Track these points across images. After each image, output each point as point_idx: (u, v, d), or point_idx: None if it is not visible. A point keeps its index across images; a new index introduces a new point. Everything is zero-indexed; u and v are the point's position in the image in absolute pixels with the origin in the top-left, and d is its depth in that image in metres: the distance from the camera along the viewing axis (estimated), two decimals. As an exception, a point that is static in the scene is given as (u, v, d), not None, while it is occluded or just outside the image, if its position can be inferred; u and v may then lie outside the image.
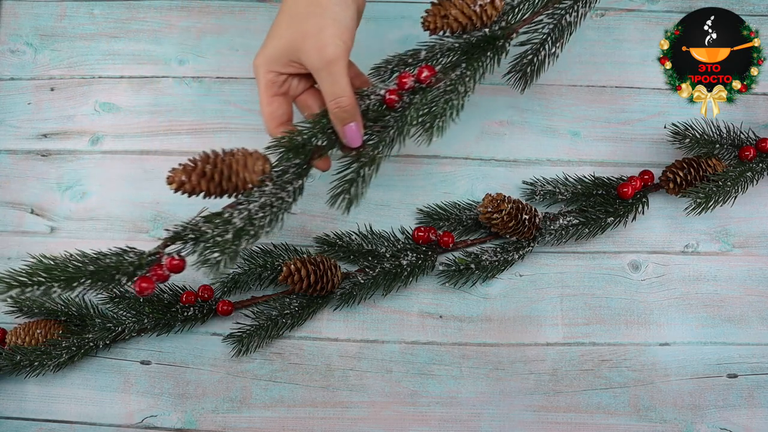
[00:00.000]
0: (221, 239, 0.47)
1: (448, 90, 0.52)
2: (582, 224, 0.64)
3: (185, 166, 0.48)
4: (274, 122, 0.53)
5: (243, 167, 0.49)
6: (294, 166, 0.51)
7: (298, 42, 0.49)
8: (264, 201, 0.49)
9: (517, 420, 0.61)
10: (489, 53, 0.54)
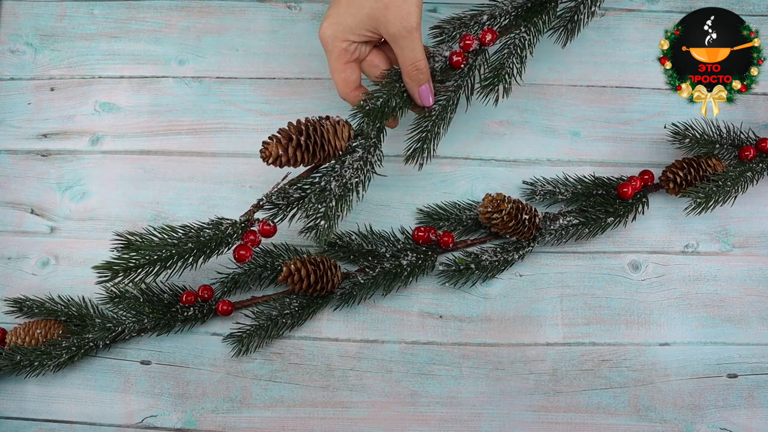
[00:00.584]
0: (324, 207, 0.51)
1: (511, 52, 0.57)
2: (582, 224, 0.64)
3: (278, 138, 0.50)
4: (348, 87, 0.56)
5: (334, 135, 0.52)
6: (374, 129, 0.54)
7: (380, 12, 0.52)
8: (356, 165, 0.53)
9: (517, 420, 0.61)
10: (542, 14, 0.58)
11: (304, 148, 0.50)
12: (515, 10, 0.59)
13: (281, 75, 0.72)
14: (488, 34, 0.56)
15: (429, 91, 0.56)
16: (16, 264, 0.66)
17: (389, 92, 0.55)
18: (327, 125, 0.52)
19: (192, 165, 0.69)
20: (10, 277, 0.65)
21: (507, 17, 0.59)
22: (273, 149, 0.50)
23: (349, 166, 0.53)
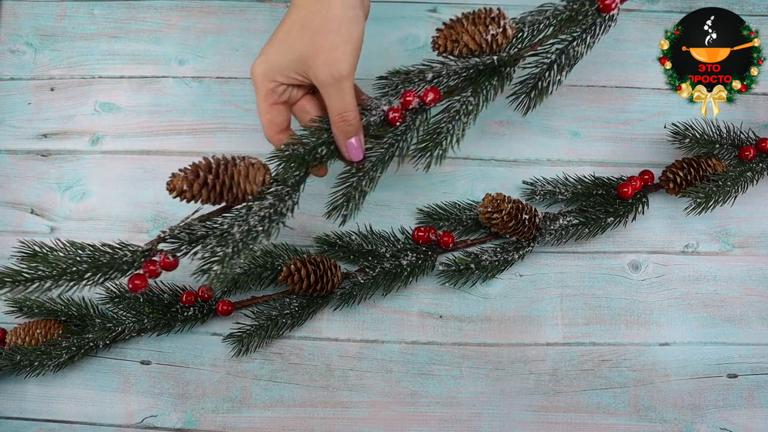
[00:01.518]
0: (221, 252, 0.47)
1: (451, 116, 0.52)
2: (582, 224, 0.64)
3: (187, 173, 0.48)
4: (273, 129, 0.53)
5: (245, 178, 0.49)
6: (293, 177, 0.51)
7: (309, 56, 0.49)
8: (263, 214, 0.49)
9: (517, 420, 0.61)
10: (495, 80, 0.54)
11: (210, 187, 0.48)
12: (464, 71, 0.53)
13: (281, 75, 0.72)
14: (430, 94, 0.52)
15: (358, 145, 0.51)
16: (16, 264, 0.66)
17: (316, 140, 0.51)
18: (240, 166, 0.49)
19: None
20: (10, 277, 0.65)
21: (455, 78, 0.53)
22: (178, 183, 0.47)
23: (255, 213, 0.49)
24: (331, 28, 0.48)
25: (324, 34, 0.48)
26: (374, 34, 0.74)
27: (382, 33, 0.74)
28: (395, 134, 0.53)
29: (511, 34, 0.53)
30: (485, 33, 0.51)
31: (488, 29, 0.52)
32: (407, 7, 0.75)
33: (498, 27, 0.52)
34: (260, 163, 0.50)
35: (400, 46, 0.73)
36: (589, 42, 0.56)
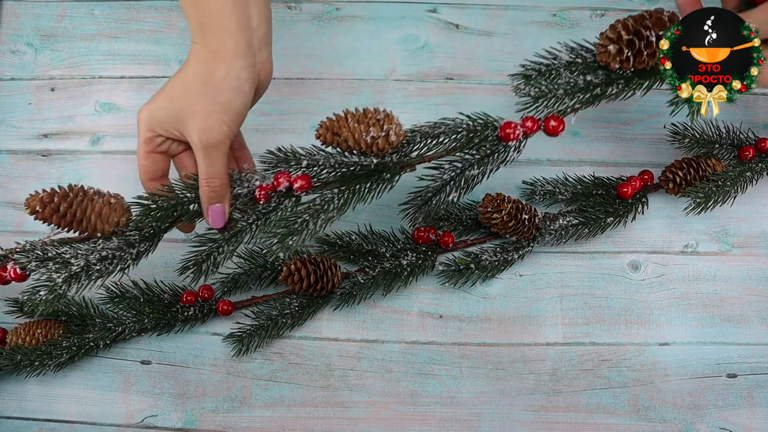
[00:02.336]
0: (52, 281, 0.47)
1: (314, 210, 0.50)
2: (582, 224, 0.64)
3: (43, 196, 0.48)
4: (146, 176, 0.52)
5: (97, 216, 0.49)
6: (151, 227, 0.51)
7: (185, 116, 0.48)
8: (105, 254, 0.49)
9: (517, 420, 0.61)
10: (370, 183, 0.51)
11: (62, 215, 0.48)
12: (340, 167, 0.51)
13: (281, 75, 0.72)
14: (300, 181, 0.50)
15: (220, 212, 0.51)
16: (17, 264, 0.66)
17: (182, 197, 0.51)
18: (97, 203, 0.49)
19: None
20: (10, 277, 0.65)
21: (330, 171, 0.51)
22: (32, 203, 0.47)
23: (98, 251, 0.48)
24: (210, 94, 0.48)
25: (202, 99, 0.48)
26: (374, 34, 0.74)
27: (382, 33, 0.74)
28: (259, 212, 0.51)
29: (395, 140, 0.50)
30: (365, 133, 0.49)
31: (369, 130, 0.49)
32: (407, 7, 0.75)
33: (380, 130, 0.49)
34: (120, 204, 0.51)
35: (400, 46, 0.73)
36: (486, 169, 0.53)
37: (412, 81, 0.72)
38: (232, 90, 0.48)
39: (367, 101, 0.71)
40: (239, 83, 0.48)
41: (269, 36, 0.51)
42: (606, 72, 0.50)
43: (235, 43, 0.47)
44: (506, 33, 0.74)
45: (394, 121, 0.50)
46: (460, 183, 0.53)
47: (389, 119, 0.50)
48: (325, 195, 0.51)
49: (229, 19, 0.47)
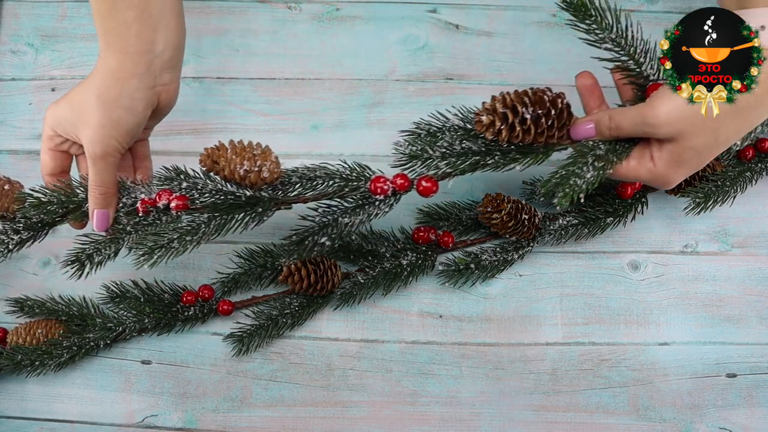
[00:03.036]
0: None
1: (181, 232, 0.51)
2: (581, 224, 0.64)
3: None
4: (45, 170, 0.55)
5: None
6: (40, 218, 0.54)
7: (80, 124, 0.51)
8: None
9: (517, 419, 0.61)
10: (242, 215, 0.52)
11: None
12: (215, 195, 0.52)
13: (281, 75, 0.72)
14: (177, 201, 0.52)
15: (105, 218, 0.53)
16: (18, 263, 0.66)
17: (77, 196, 0.53)
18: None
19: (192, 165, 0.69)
20: (11, 277, 0.65)
21: (208, 197, 0.52)
22: None
23: None
24: (103, 109, 0.50)
25: (95, 111, 0.50)
26: (374, 35, 0.74)
27: (382, 33, 0.74)
28: (137, 223, 0.53)
29: (268, 177, 0.51)
30: (240, 166, 0.51)
31: (243, 164, 0.51)
32: (407, 8, 0.75)
33: (254, 165, 0.51)
34: (13, 192, 0.54)
35: (400, 46, 0.73)
36: (356, 221, 0.53)
37: (412, 81, 0.72)
38: (124, 108, 0.50)
39: (367, 101, 0.71)
40: (132, 103, 0.50)
41: (176, 61, 0.52)
42: (484, 141, 0.51)
43: (134, 64, 0.49)
44: (506, 33, 0.74)
45: (269, 158, 0.51)
46: (333, 229, 0.53)
47: (265, 155, 0.51)
48: (195, 218, 0.52)
49: (131, 41, 0.49)
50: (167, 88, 0.53)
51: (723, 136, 0.49)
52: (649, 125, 0.50)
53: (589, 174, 0.49)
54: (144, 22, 0.48)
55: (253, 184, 0.52)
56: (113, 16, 0.48)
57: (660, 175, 0.51)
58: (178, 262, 0.65)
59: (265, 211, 0.52)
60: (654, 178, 0.52)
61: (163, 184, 0.53)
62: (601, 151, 0.51)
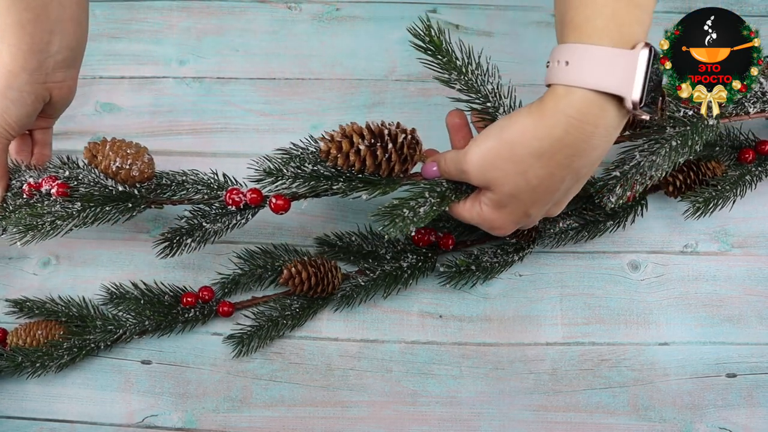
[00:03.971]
0: None
1: (53, 216, 0.54)
2: (581, 227, 0.64)
3: None
4: None
5: None
6: None
7: None
8: None
9: (517, 419, 0.61)
10: (112, 208, 0.56)
11: None
12: (93, 186, 0.56)
13: (281, 75, 0.72)
14: (57, 187, 0.55)
15: None
16: (17, 264, 0.66)
17: None
18: None
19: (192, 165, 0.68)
20: (11, 277, 0.65)
21: (87, 187, 0.56)
22: None
23: None
24: None
25: None
26: (374, 35, 0.74)
27: (382, 33, 0.74)
28: (20, 205, 0.56)
29: (137, 176, 0.55)
30: (113, 162, 0.55)
31: (116, 160, 0.55)
32: (407, 8, 0.75)
33: (125, 163, 0.55)
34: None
35: (400, 46, 0.73)
36: (216, 228, 0.57)
37: (412, 81, 0.72)
38: (11, 99, 0.53)
39: (367, 101, 0.71)
40: (21, 95, 0.53)
41: (71, 61, 0.55)
42: (332, 168, 0.52)
43: (25, 60, 0.52)
44: (506, 33, 0.74)
45: (141, 158, 0.56)
46: (199, 233, 0.58)
47: (137, 155, 0.56)
48: (67, 206, 0.55)
49: (25, 39, 0.51)
50: (60, 85, 0.55)
51: (534, 179, 0.47)
52: (464, 171, 0.50)
53: (423, 209, 0.51)
54: (39, 25, 0.51)
55: (124, 181, 0.56)
56: (10, 14, 0.50)
57: (487, 219, 0.51)
58: (178, 263, 0.65)
59: (135, 207, 0.56)
60: (482, 222, 0.52)
61: (52, 171, 0.57)
62: (442, 188, 0.52)
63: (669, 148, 0.54)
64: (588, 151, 0.46)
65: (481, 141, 0.48)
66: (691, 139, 0.54)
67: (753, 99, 0.57)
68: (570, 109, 0.44)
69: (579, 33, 0.44)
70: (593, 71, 0.43)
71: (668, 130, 0.54)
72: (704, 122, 0.54)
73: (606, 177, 0.55)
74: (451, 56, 0.50)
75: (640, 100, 0.44)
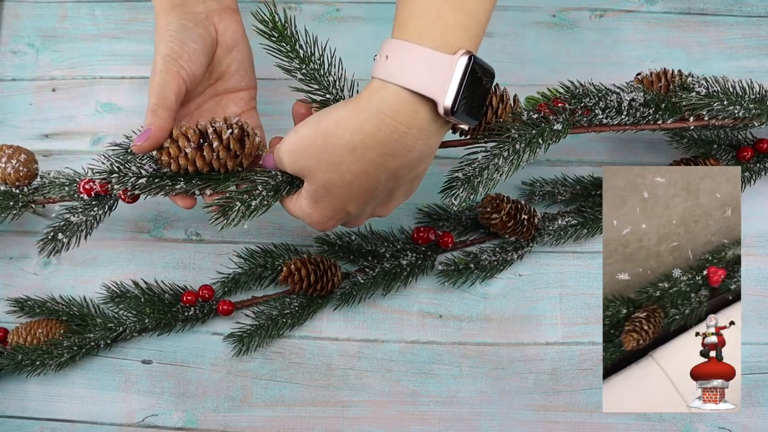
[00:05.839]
0: None
1: None
2: (581, 225, 0.64)
3: None
4: None
5: None
6: None
7: None
8: None
9: (517, 419, 0.61)
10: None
11: None
12: None
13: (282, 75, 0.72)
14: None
15: None
16: (18, 264, 0.66)
17: None
18: None
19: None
20: (12, 277, 0.66)
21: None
22: None
23: None
24: None
25: None
26: (374, 35, 0.74)
27: (383, 34, 0.74)
28: None
29: (13, 176, 0.58)
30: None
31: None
32: (407, 8, 0.75)
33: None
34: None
35: (400, 46, 0.73)
36: (83, 221, 0.58)
37: (412, 81, 0.72)
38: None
39: (367, 101, 0.71)
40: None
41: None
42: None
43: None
44: (506, 33, 0.74)
45: (17, 158, 0.58)
46: (67, 228, 0.58)
47: (12, 156, 0.58)
48: None
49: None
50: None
51: (348, 174, 0.45)
52: (279, 159, 0.49)
53: (255, 202, 0.50)
54: None
55: (3, 180, 0.59)
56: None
57: (306, 212, 0.50)
58: (178, 262, 0.66)
59: (16, 206, 0.59)
60: (303, 216, 0.51)
61: None
62: (277, 181, 0.51)
63: (512, 151, 0.52)
64: (402, 152, 0.44)
65: (299, 128, 0.47)
66: (535, 143, 0.52)
67: (612, 113, 0.56)
68: (383, 105, 0.42)
69: (402, 29, 0.43)
70: (409, 69, 0.42)
71: (513, 133, 0.52)
72: (550, 126, 0.53)
73: (448, 178, 0.53)
74: (294, 44, 0.49)
75: (452, 106, 0.42)
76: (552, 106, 0.55)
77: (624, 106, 0.56)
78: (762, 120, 0.58)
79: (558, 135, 0.54)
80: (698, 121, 0.57)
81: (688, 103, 0.56)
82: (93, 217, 0.58)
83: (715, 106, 0.56)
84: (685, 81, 0.57)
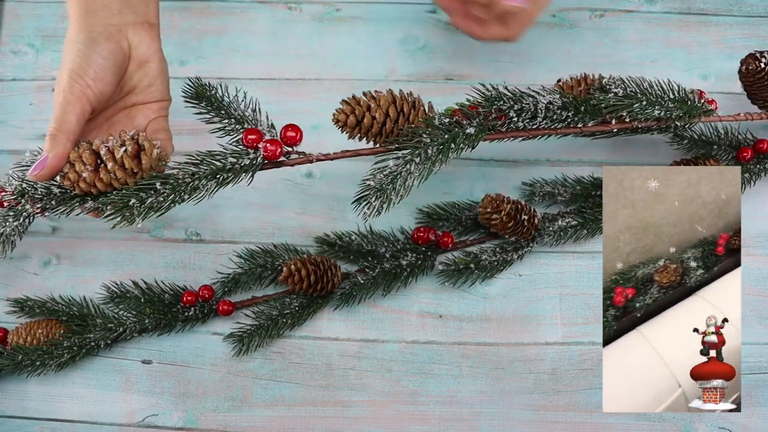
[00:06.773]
0: None
1: None
2: (581, 225, 0.64)
3: None
4: None
5: None
6: None
7: None
8: None
9: (517, 419, 0.61)
10: None
11: None
12: None
13: (282, 75, 0.72)
14: None
15: None
16: (18, 263, 0.66)
17: None
18: None
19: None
20: (12, 277, 0.66)
21: None
22: None
23: None
24: None
25: None
26: (374, 35, 0.74)
27: (382, 33, 0.74)
28: None
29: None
30: None
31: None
32: (407, 8, 0.75)
33: None
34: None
35: (400, 47, 0.74)
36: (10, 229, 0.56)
37: (412, 81, 0.72)
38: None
39: (367, 102, 0.71)
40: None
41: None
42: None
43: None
44: (506, 33, 0.74)
45: None
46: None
47: None
48: None
49: None
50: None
51: None
52: None
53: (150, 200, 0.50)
54: None
55: None
56: None
57: None
58: (178, 262, 0.66)
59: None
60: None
61: None
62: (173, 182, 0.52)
63: (425, 157, 0.52)
64: None
65: None
66: (447, 148, 0.52)
67: (527, 116, 0.55)
68: None
69: None
70: None
71: (425, 138, 0.52)
72: (463, 131, 0.53)
73: (361, 188, 0.52)
74: (220, 101, 0.55)
75: None
76: (466, 111, 0.55)
77: (541, 109, 0.56)
78: (685, 121, 0.58)
79: (471, 139, 0.53)
80: (621, 123, 0.57)
81: (607, 105, 0.56)
82: (22, 224, 0.55)
83: (634, 107, 0.56)
84: (601, 83, 0.57)
